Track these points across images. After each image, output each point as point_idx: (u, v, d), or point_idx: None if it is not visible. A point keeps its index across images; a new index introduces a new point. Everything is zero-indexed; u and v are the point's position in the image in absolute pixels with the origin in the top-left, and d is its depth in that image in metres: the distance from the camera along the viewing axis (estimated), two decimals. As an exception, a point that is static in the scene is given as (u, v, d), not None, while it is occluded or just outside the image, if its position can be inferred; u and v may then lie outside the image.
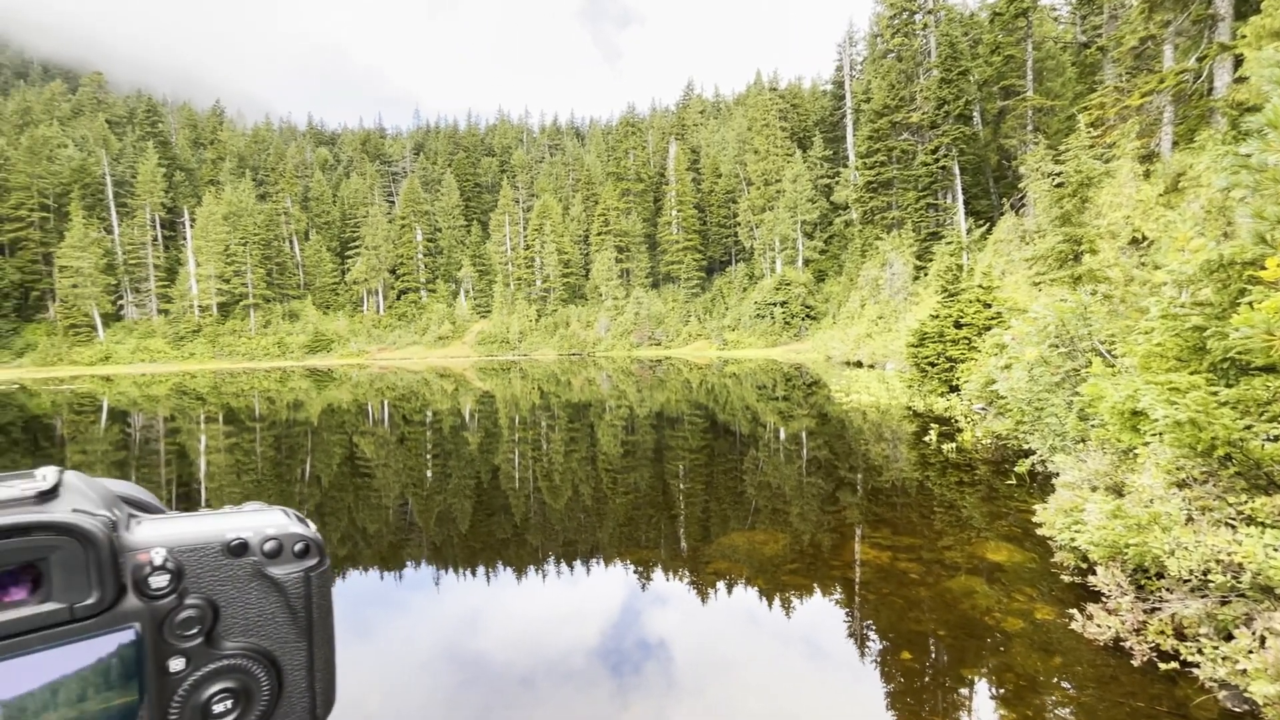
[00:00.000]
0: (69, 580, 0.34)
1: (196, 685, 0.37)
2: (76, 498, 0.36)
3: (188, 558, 0.38)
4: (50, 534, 0.34)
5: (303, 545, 0.42)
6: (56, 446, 12.05)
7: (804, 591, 4.37)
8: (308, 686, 0.41)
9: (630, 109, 65.82)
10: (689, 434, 11.27)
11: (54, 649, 0.34)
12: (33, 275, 49.95)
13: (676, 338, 49.36)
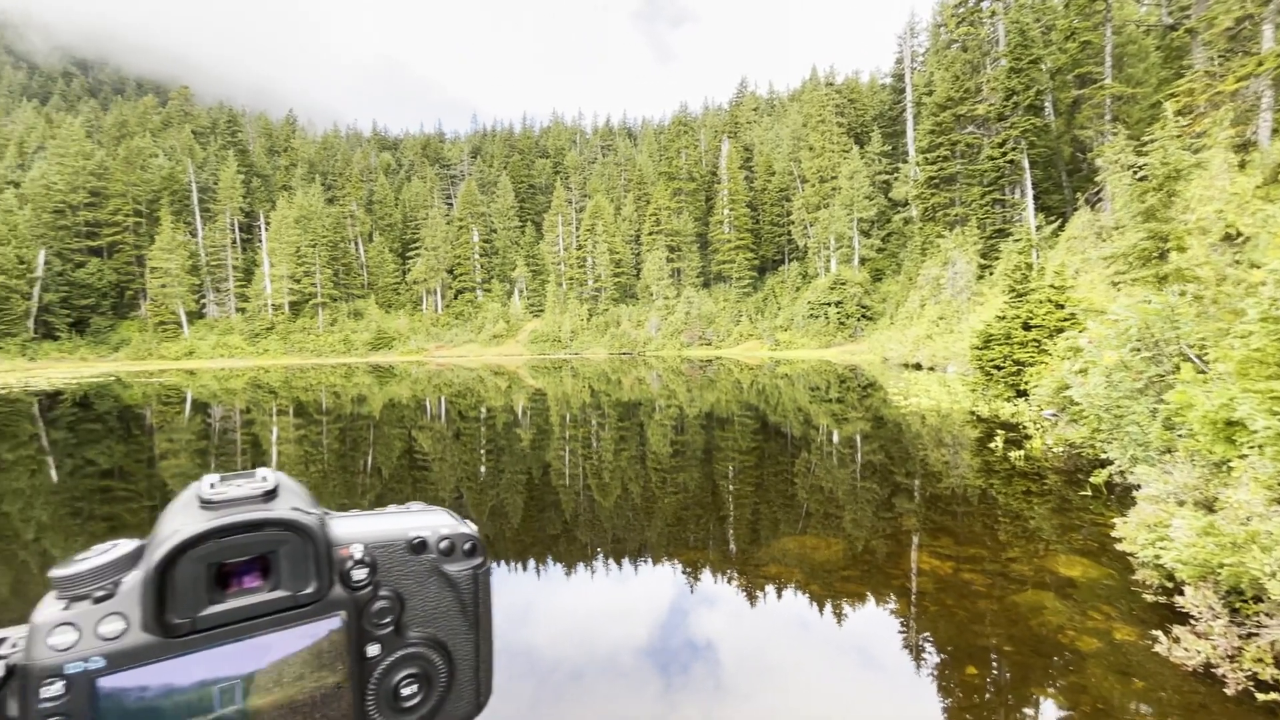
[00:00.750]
0: (293, 571, 0.38)
1: (389, 670, 0.41)
2: (292, 497, 0.40)
3: (379, 553, 0.42)
4: (279, 529, 0.38)
5: (471, 545, 0.45)
6: (147, 435, 12.96)
7: (859, 599, 4.23)
8: (474, 675, 0.45)
9: (683, 108, 65.66)
10: (739, 435, 11.13)
11: (280, 632, 0.37)
12: (127, 276, 53.96)
13: (727, 338, 48.91)
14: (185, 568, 0.35)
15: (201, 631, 0.35)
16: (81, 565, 0.36)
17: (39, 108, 72.31)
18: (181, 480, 8.46)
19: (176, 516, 0.38)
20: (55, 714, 0.32)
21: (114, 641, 0.34)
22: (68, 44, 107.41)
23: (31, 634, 0.34)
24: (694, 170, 60.54)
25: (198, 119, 72.81)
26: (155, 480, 8.60)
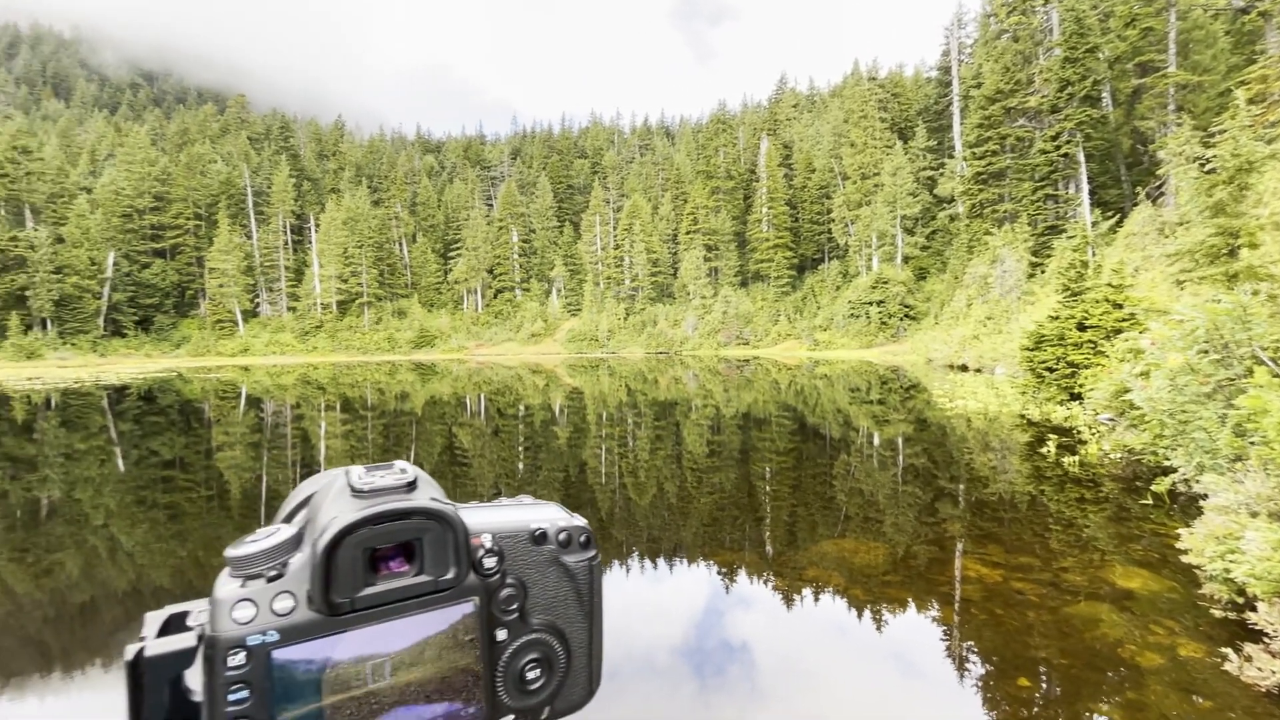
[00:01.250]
0: (435, 557, 0.40)
1: (515, 653, 0.43)
2: (430, 489, 0.43)
3: (505, 543, 0.44)
4: (423, 518, 0.40)
5: (585, 537, 0.47)
6: (205, 428, 13.58)
7: (900, 605, 4.11)
8: (587, 663, 0.47)
9: (721, 106, 65.23)
10: (776, 436, 10.99)
11: (422, 614, 0.40)
12: (188, 276, 56.67)
13: (765, 337, 48.38)
14: (345, 552, 0.37)
15: (358, 611, 0.38)
16: (253, 547, 0.39)
17: (109, 117, 76.55)
18: (236, 472, 8.83)
19: (332, 504, 0.40)
20: (238, 681, 0.35)
21: (285, 617, 0.36)
22: (135, 57, 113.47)
23: (216, 608, 0.36)
24: (732, 169, 60.07)
25: (253, 125, 75.93)
26: (212, 471, 8.99)
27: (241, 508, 6.93)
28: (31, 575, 5.02)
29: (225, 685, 0.35)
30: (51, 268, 46.68)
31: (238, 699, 0.35)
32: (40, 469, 9.22)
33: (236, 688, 0.35)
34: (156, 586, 4.76)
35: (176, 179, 57.52)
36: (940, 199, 45.68)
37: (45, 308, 46.39)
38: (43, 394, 20.77)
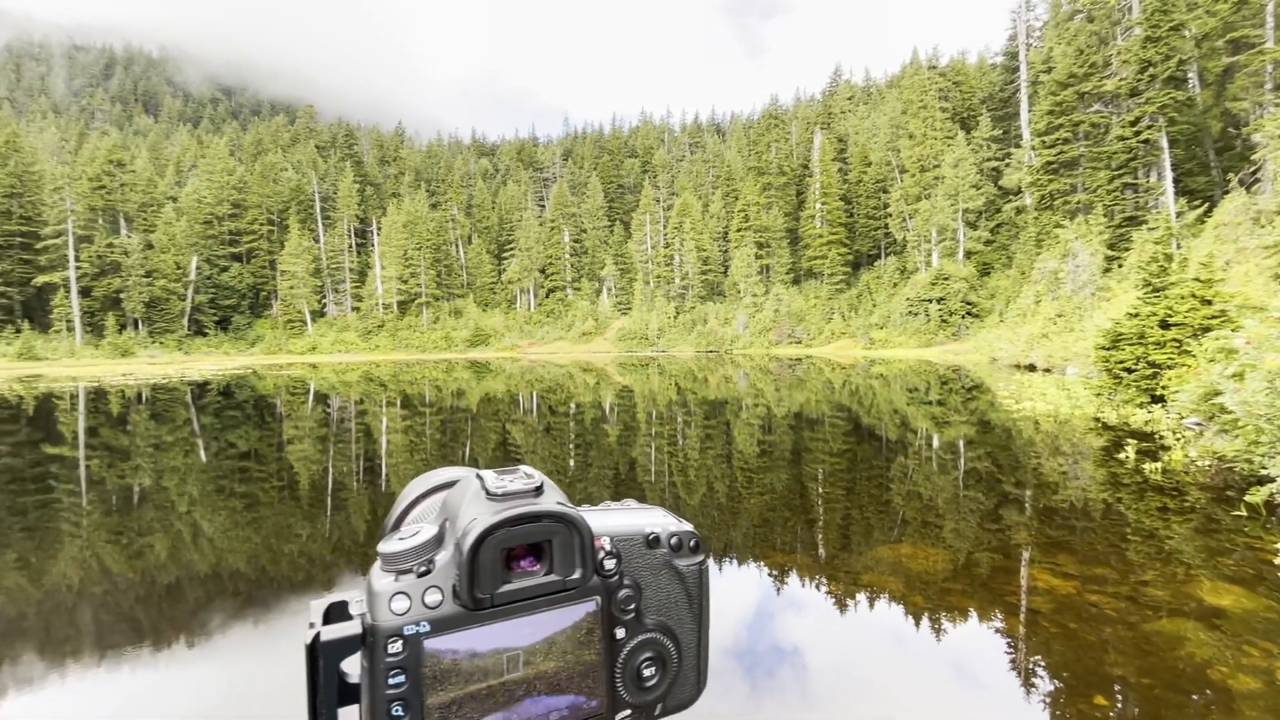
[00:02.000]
0: (563, 558, 0.42)
1: (632, 651, 0.45)
2: (554, 493, 0.44)
3: (622, 546, 0.46)
4: (553, 521, 0.42)
5: (694, 542, 0.49)
6: (277, 422, 14.35)
7: (962, 614, 3.95)
8: (696, 662, 0.49)
9: (773, 101, 64.17)
10: (829, 436, 10.74)
11: (550, 611, 0.42)
12: (262, 278, 60.00)
13: (818, 336, 47.37)
14: (486, 552, 0.40)
15: (496, 606, 0.41)
16: (403, 545, 0.41)
17: (192, 131, 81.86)
18: (305, 464, 9.29)
19: (470, 507, 0.42)
20: (396, 668, 0.38)
21: (435, 610, 0.39)
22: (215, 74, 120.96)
23: (375, 600, 0.39)
24: (784, 164, 59.05)
25: (320, 135, 79.67)
26: (284, 463, 9.50)
27: (309, 498, 7.29)
28: (125, 557, 5.43)
29: (386, 670, 0.38)
30: (142, 272, 50.32)
31: (396, 683, 0.38)
32: (133, 459, 9.95)
33: (395, 673, 0.38)
34: (233, 570, 5.06)
35: (252, 187, 60.98)
36: (1005, 191, 43.59)
37: (137, 309, 50.05)
38: (135, 389, 22.42)
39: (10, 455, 10.45)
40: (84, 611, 4.40)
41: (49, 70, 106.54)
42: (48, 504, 7.26)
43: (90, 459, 9.97)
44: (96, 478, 8.62)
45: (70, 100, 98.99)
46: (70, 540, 5.89)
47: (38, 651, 3.88)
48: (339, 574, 5.00)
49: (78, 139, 68.10)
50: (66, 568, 5.15)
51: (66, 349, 45.47)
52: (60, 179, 49.26)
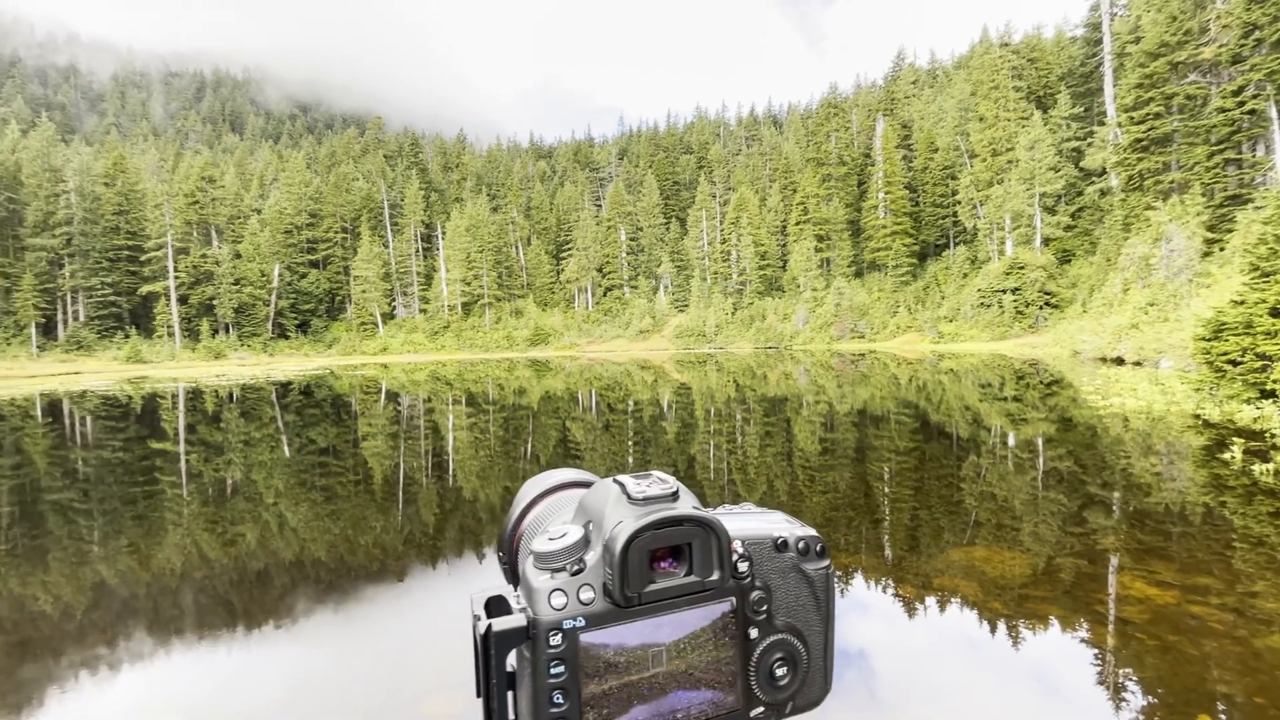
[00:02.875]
0: (702, 560, 0.44)
1: (765, 651, 0.47)
2: (689, 497, 0.46)
3: (753, 549, 0.47)
4: (693, 525, 0.44)
5: (820, 546, 0.50)
6: (352, 420, 15.13)
7: (1043, 622, 3.73)
8: (823, 663, 0.50)
9: (832, 89, 62.46)
10: (895, 434, 10.37)
11: (690, 610, 0.44)
12: (337, 284, 63.32)
13: (882, 330, 45.80)
14: (634, 553, 0.42)
15: (643, 604, 0.43)
16: (555, 545, 0.44)
17: (273, 146, 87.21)
18: (379, 459, 9.75)
19: (614, 510, 0.44)
20: (556, 659, 0.41)
21: (588, 606, 0.42)
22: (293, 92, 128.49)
23: (534, 596, 0.42)
24: (845, 154, 57.35)
25: (387, 145, 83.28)
26: (359, 459, 10.00)
27: (382, 492, 7.65)
28: (220, 544, 5.86)
29: (547, 661, 0.41)
30: (232, 280, 54.09)
31: (557, 673, 0.41)
32: (226, 453, 10.72)
33: (555, 663, 0.41)
34: (315, 559, 5.37)
35: (326, 197, 64.44)
36: (1088, 172, 40.79)
37: (227, 314, 53.87)
38: (227, 388, 24.15)
39: (122, 450, 11.47)
40: (185, 594, 4.78)
41: (149, 96, 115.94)
42: (153, 495, 7.92)
43: (189, 454, 10.81)
44: (194, 471, 9.34)
45: (167, 123, 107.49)
46: (173, 528, 6.41)
47: (146, 629, 4.24)
48: (409, 564, 5.22)
49: (174, 158, 73.85)
50: (170, 554, 5.61)
51: (168, 352, 49.47)
52: (160, 196, 53.61)
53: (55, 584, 4.96)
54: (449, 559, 5.31)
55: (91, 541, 6.05)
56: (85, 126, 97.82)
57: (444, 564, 5.19)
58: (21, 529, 6.58)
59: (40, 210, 50.39)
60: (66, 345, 48.81)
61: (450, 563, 5.22)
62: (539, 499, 0.57)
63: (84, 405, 19.77)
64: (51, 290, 50.14)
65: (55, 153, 55.76)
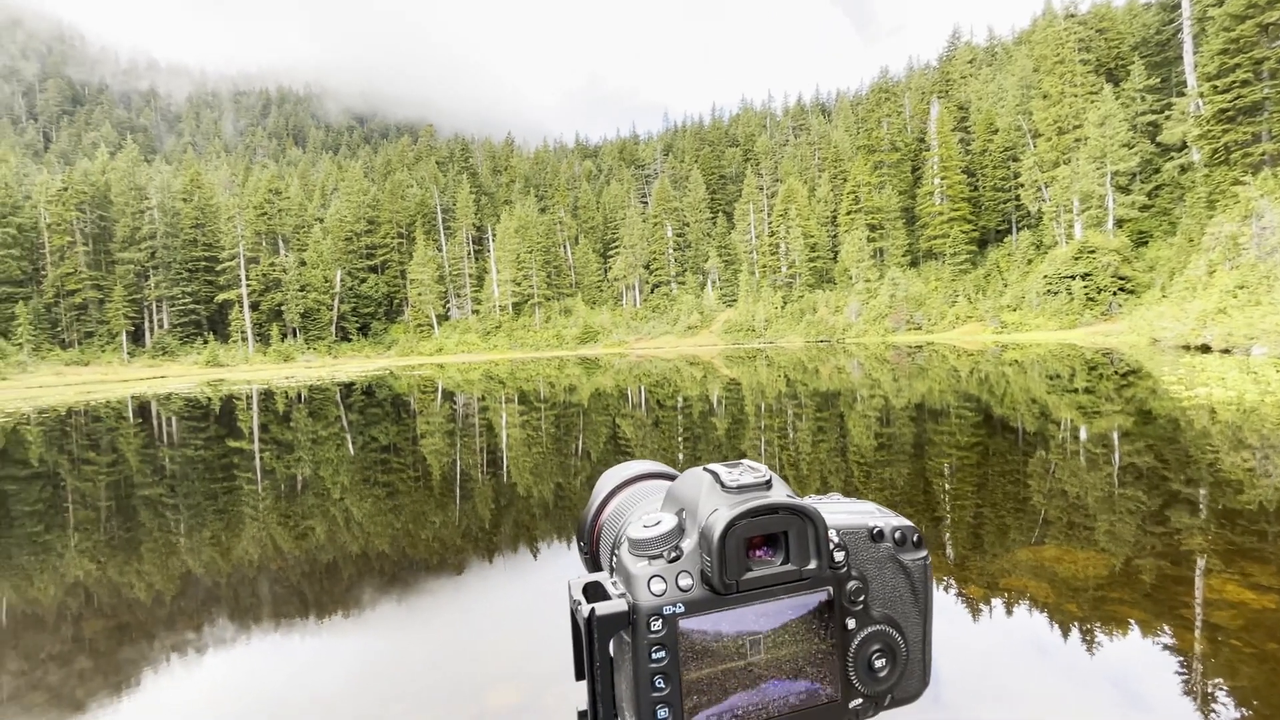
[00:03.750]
0: (799, 549, 0.45)
1: (863, 642, 0.46)
2: (782, 486, 0.46)
3: (848, 539, 0.47)
4: (788, 513, 0.44)
5: (917, 537, 0.50)
6: (411, 418, 15.67)
7: (1121, 627, 3.53)
8: (921, 656, 0.50)
9: (883, 73, 60.50)
10: (955, 429, 9.98)
11: (786, 599, 0.44)
12: (394, 287, 65.66)
13: (940, 321, 44.14)
14: (731, 541, 0.42)
15: (740, 592, 0.43)
16: (650, 533, 0.44)
17: (333, 158, 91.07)
18: (437, 457, 10.07)
19: (709, 499, 0.45)
20: (657, 644, 0.41)
21: (687, 593, 0.42)
22: (350, 105, 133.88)
23: (634, 582, 0.43)
24: (897, 139, 55.47)
25: (439, 151, 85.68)
26: (418, 455, 10.36)
27: (440, 488, 7.90)
28: (292, 537, 6.18)
29: (648, 645, 0.41)
30: (298, 286, 56.88)
31: (658, 658, 0.41)
32: (295, 451, 11.30)
33: (656, 648, 0.41)
34: (378, 551, 5.60)
35: (383, 204, 66.87)
36: (1165, 148, 38.12)
37: (294, 319, 56.69)
38: (295, 390, 25.42)
39: (203, 449, 12.25)
40: (261, 583, 5.07)
41: (220, 115, 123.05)
42: (232, 490, 8.43)
43: (263, 452, 11.44)
44: (268, 468, 9.89)
45: (237, 139, 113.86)
46: (250, 522, 6.80)
47: (228, 615, 4.52)
48: (466, 558, 5.38)
49: (244, 173, 78.13)
50: (247, 545, 5.96)
51: (242, 356, 52.47)
52: (232, 209, 56.91)
53: (147, 573, 5.35)
54: (504, 553, 5.44)
55: (178, 534, 6.49)
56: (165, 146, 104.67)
57: (499, 558, 5.32)
58: (117, 521, 7.12)
59: (128, 226, 54.25)
60: (153, 351, 52.42)
61: (505, 557, 5.35)
62: (617, 490, 0.58)
63: (169, 407, 21.21)
64: (139, 300, 53.94)
65: (139, 172, 59.98)
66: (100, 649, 4.04)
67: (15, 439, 14.66)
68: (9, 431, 15.99)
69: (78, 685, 3.59)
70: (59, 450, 12.94)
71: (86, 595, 4.93)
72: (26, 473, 10.48)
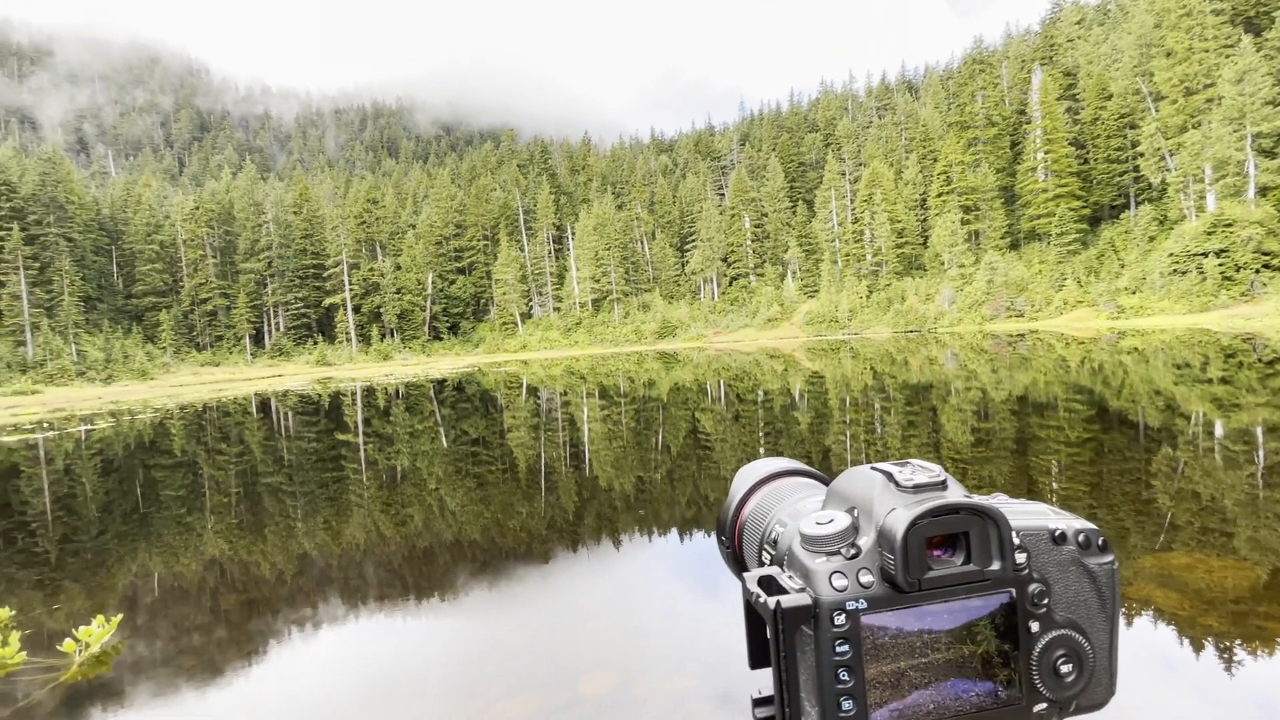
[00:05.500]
0: (981, 549, 0.44)
1: (1047, 646, 0.46)
2: (958, 486, 0.46)
3: (1029, 541, 0.46)
4: (970, 513, 0.44)
5: (1102, 540, 0.48)
6: (498, 413, 16.34)
7: (1267, 644, 3.14)
8: (1108, 664, 0.48)
9: (977, 43, 56.54)
10: (1064, 423, 9.22)
11: (968, 600, 0.44)
12: (480, 287, 68.57)
13: (1045, 307, 40.86)
14: (913, 540, 0.42)
15: (921, 591, 0.43)
16: (824, 530, 0.45)
17: (423, 166, 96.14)
18: (522, 450, 10.45)
19: (884, 498, 0.45)
20: (840, 638, 0.42)
21: (868, 590, 0.43)
22: (438, 116, 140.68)
23: (814, 577, 0.43)
24: (994, 114, 51.72)
25: (520, 154, 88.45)
26: (505, 449, 10.79)
27: (526, 479, 8.20)
28: (393, 524, 6.62)
29: (832, 639, 0.41)
30: (394, 289, 60.66)
31: (841, 651, 0.42)
32: (394, 444, 12.08)
33: (840, 642, 0.42)
34: (470, 539, 5.90)
35: (469, 208, 69.95)
36: (1324, 101, 33.29)
37: (392, 320, 60.52)
38: (394, 386, 27.14)
39: (315, 441, 13.33)
40: (366, 566, 5.47)
41: (323, 132, 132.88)
42: (340, 479, 9.14)
43: (366, 444, 12.31)
44: (371, 459, 10.63)
45: (338, 154, 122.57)
46: (355, 509, 7.35)
47: (339, 594, 4.91)
48: (552, 548, 5.56)
49: (345, 185, 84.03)
50: (354, 531, 6.44)
51: (347, 355, 56.64)
52: (335, 219, 61.47)
53: (270, 553, 5.90)
54: (588, 544, 5.57)
55: (295, 519, 7.11)
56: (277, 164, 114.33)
57: (584, 549, 5.46)
58: (245, 506, 7.90)
59: (248, 239, 59.79)
60: (271, 352, 57.59)
61: (589, 548, 5.48)
62: (756, 487, 0.59)
63: (286, 403, 23.23)
64: (259, 306, 59.33)
65: (257, 189, 65.95)
66: (233, 620, 4.50)
67: (162, 432, 16.56)
68: (156, 425, 18.08)
69: (216, 652, 4.02)
70: (196, 442, 14.49)
71: (221, 571, 5.51)
72: (171, 462, 11.83)
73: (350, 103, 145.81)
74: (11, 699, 3.41)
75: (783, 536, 0.51)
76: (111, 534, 6.94)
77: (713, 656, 3.47)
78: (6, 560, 6.15)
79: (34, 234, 47.66)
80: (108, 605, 4.61)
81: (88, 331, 47.74)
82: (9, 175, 49.38)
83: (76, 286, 47.89)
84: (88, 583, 5.32)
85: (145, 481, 9.80)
